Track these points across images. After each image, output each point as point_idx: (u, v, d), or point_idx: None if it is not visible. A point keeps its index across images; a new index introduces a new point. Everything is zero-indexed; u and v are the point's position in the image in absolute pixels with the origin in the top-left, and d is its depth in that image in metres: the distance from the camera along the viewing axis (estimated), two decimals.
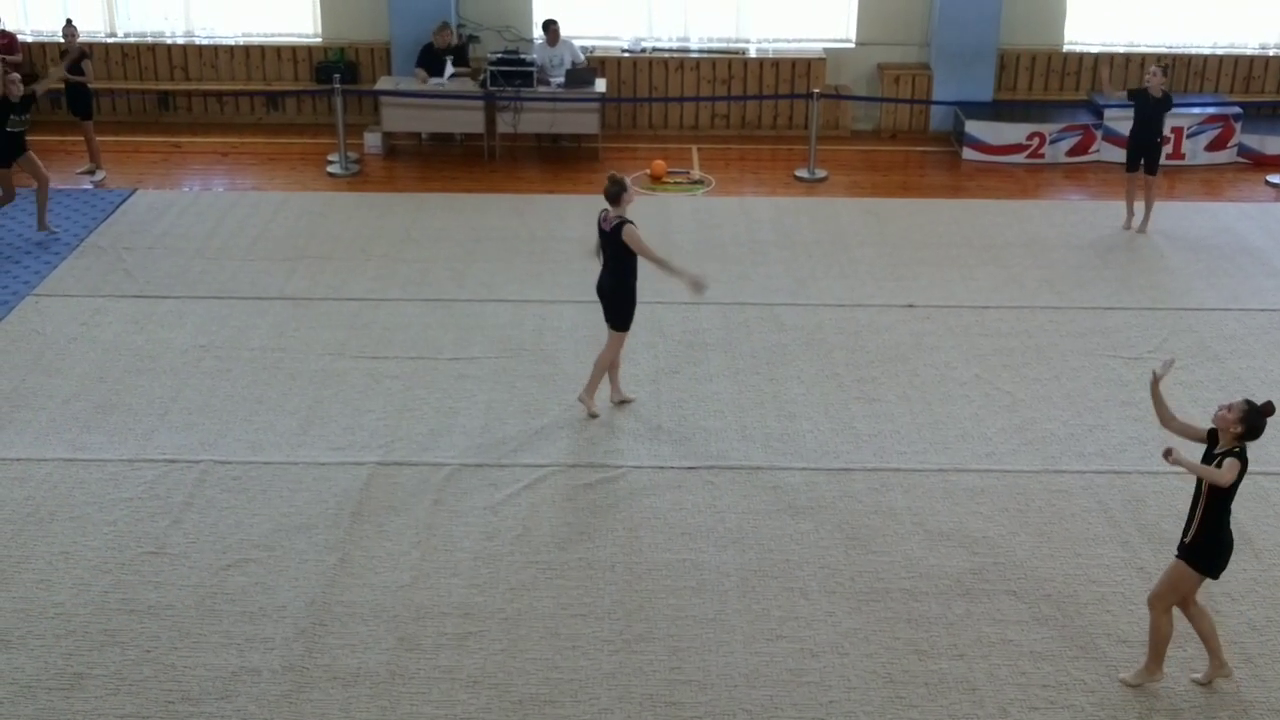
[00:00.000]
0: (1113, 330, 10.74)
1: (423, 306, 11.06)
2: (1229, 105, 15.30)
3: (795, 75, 15.85)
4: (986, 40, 15.69)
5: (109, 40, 16.12)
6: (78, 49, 13.90)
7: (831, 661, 6.90)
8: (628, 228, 8.78)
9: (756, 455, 8.85)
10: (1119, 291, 11.51)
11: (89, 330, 10.55)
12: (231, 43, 16.18)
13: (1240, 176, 14.82)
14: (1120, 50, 16.08)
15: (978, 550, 7.84)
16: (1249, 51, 16.19)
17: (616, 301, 9.05)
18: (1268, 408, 6.21)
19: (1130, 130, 12.91)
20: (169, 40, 16.22)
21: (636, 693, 6.67)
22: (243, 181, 14.30)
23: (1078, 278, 11.79)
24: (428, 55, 15.02)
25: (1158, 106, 12.59)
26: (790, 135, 15.90)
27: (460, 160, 15.07)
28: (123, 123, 15.91)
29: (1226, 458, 6.15)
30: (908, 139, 16.00)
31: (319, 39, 16.21)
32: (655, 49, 16.13)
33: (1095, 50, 16.08)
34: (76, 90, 13.97)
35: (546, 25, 15.16)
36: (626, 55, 15.96)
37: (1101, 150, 14.96)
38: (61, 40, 14.32)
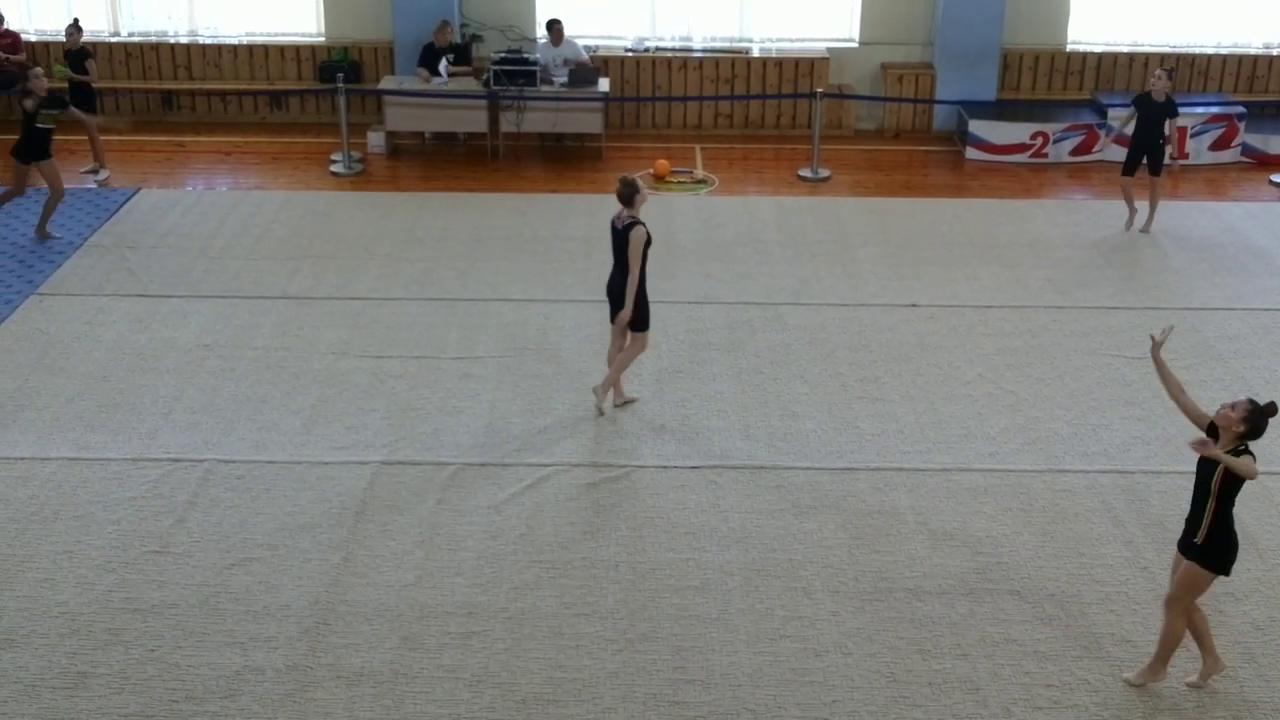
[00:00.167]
0: (1116, 330, 10.73)
1: (426, 306, 11.06)
2: (1233, 105, 15.29)
3: (798, 75, 15.85)
4: (990, 40, 15.68)
5: (113, 40, 16.14)
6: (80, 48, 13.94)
7: (835, 661, 6.90)
8: (634, 230, 8.81)
9: (760, 455, 8.85)
10: (1123, 291, 11.51)
11: (93, 329, 10.56)
12: (235, 42, 16.20)
13: (1244, 176, 14.81)
14: (1124, 50, 16.08)
15: (981, 550, 7.84)
16: (1253, 51, 16.18)
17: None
18: (1271, 408, 6.22)
19: (1132, 133, 12.87)
20: (173, 40, 16.24)
21: (640, 692, 6.67)
22: (246, 181, 14.31)
23: (1081, 277, 11.78)
24: (429, 55, 15.03)
25: (1161, 111, 12.57)
26: (793, 135, 15.90)
27: (464, 160, 15.08)
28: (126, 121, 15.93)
29: (1244, 455, 6.16)
30: (911, 139, 15.99)
31: (322, 38, 16.23)
32: (658, 48, 16.13)
33: (1099, 50, 16.08)
34: (80, 90, 14.00)
35: (551, 25, 15.17)
36: (630, 55, 15.96)
37: (1105, 150, 14.94)
38: (64, 40, 14.34)
